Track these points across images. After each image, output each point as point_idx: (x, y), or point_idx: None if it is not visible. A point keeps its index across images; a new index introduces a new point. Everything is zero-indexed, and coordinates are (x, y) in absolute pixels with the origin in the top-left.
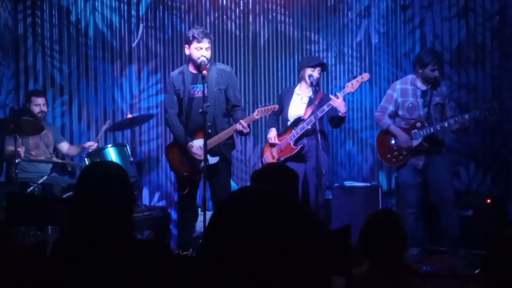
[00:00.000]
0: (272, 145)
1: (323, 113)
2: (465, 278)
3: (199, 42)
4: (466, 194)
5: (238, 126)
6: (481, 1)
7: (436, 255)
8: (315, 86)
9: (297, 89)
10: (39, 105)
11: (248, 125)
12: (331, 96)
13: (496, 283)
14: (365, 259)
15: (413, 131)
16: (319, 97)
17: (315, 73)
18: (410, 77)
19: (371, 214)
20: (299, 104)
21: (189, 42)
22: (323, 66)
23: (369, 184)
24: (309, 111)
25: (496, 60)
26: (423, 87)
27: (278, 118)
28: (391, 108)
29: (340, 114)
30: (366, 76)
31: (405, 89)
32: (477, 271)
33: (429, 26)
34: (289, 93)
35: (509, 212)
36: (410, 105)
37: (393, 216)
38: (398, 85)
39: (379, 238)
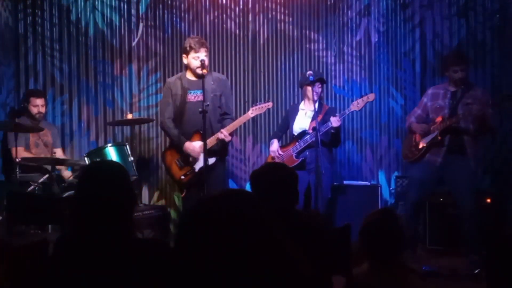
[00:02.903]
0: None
1: (326, 129)
2: (465, 278)
3: (196, 52)
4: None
5: (220, 135)
6: (481, 0)
7: (436, 255)
8: (319, 100)
9: (301, 105)
10: (37, 106)
11: (230, 134)
12: (332, 118)
13: (496, 282)
14: (365, 258)
15: (432, 126)
16: (324, 110)
17: (315, 89)
18: (445, 83)
19: (370, 213)
20: (303, 118)
21: (186, 52)
22: (322, 80)
23: (368, 184)
24: (313, 125)
25: (496, 59)
26: (453, 89)
27: (283, 134)
28: (418, 112)
29: (332, 130)
30: (372, 96)
31: (437, 93)
32: (477, 271)
33: (429, 25)
34: (294, 109)
35: (509, 211)
36: (438, 106)
37: (392, 216)
38: (430, 90)
39: (379, 237)
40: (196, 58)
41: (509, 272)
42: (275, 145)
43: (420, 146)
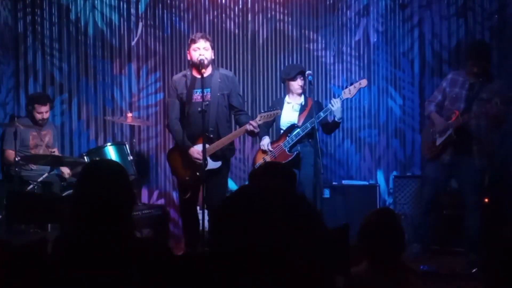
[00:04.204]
0: (265, 152)
1: (319, 119)
2: (463, 277)
3: (195, 42)
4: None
5: (249, 127)
6: (480, 0)
7: (434, 254)
8: (303, 93)
9: (286, 99)
10: (41, 113)
11: (258, 125)
12: (332, 100)
13: (495, 283)
14: (363, 258)
15: (449, 121)
16: (310, 104)
17: (298, 82)
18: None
19: (369, 213)
20: (290, 112)
21: (188, 46)
22: (302, 73)
23: (367, 183)
24: (303, 118)
25: (495, 59)
26: (472, 80)
27: (269, 129)
28: (439, 97)
29: (336, 119)
30: (364, 82)
31: (456, 80)
32: (474, 270)
33: (428, 25)
34: (279, 103)
35: (507, 211)
36: (454, 95)
37: (391, 216)
38: (450, 74)
39: (378, 237)
40: (196, 49)
41: (508, 272)
42: (266, 140)
43: (437, 143)
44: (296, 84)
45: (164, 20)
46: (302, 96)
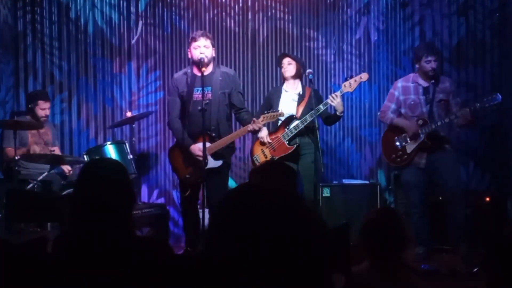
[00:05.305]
0: (263, 143)
1: (319, 112)
2: (464, 276)
3: (195, 41)
4: (465, 193)
5: (251, 127)
6: None
7: (440, 253)
8: (295, 78)
9: (284, 87)
10: (45, 109)
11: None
12: (330, 96)
13: (495, 282)
14: (364, 257)
15: (415, 127)
16: (308, 93)
17: (282, 65)
18: (412, 74)
19: (370, 212)
20: (289, 102)
21: (189, 45)
22: (286, 56)
23: (367, 182)
24: (301, 109)
25: (496, 58)
26: (425, 84)
27: None
28: (392, 106)
29: (338, 113)
30: (365, 76)
31: (407, 87)
32: (475, 270)
33: (429, 23)
34: (277, 91)
35: (508, 210)
36: (412, 102)
37: (392, 215)
38: (399, 83)
39: (379, 236)
40: (196, 47)
41: (508, 271)
42: (265, 131)
43: (409, 151)
44: (282, 69)
45: (164, 18)
46: (299, 85)
